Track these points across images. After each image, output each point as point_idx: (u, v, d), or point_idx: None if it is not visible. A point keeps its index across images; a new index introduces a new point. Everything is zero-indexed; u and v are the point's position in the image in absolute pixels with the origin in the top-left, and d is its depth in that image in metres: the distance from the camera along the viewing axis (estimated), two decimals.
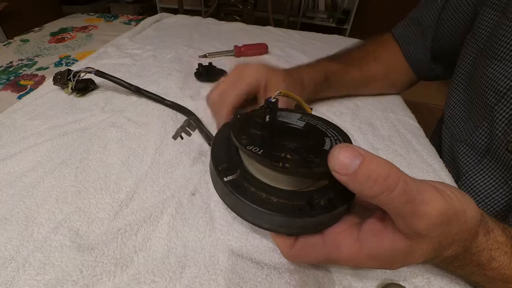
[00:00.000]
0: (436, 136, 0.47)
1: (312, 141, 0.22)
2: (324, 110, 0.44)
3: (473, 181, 0.36)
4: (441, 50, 0.44)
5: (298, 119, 0.25)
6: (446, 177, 0.34)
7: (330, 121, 0.25)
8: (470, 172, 0.36)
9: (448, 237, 0.18)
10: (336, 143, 0.22)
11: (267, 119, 0.23)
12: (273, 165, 0.18)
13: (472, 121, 0.37)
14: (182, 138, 0.28)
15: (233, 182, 0.20)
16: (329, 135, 0.23)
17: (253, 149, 0.20)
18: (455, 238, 0.19)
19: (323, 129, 0.24)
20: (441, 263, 0.21)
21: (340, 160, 0.16)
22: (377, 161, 0.16)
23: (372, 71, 0.47)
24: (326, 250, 0.20)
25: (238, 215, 0.20)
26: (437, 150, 0.38)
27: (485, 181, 0.35)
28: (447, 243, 0.19)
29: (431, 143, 0.39)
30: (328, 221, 0.20)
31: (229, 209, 0.21)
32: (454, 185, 0.33)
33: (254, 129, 0.22)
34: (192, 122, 0.29)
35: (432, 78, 0.49)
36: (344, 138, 0.23)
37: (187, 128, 0.29)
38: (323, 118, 0.25)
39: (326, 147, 0.21)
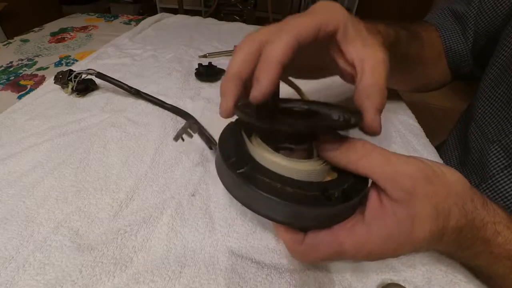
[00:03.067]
0: (459, 134, 0.44)
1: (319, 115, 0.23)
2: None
3: (500, 186, 0.34)
4: (477, 45, 0.41)
5: (301, 105, 0.25)
6: None
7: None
8: (497, 176, 0.34)
9: (440, 199, 0.19)
10: (344, 115, 0.22)
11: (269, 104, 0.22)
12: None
13: (509, 120, 0.34)
14: (183, 140, 0.28)
15: (246, 174, 0.19)
16: (336, 111, 0.23)
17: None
18: (449, 202, 0.19)
19: (329, 108, 0.24)
20: (452, 244, 0.21)
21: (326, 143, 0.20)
22: (353, 138, 0.20)
23: (411, 48, 0.39)
24: (336, 242, 0.19)
25: (249, 208, 0.20)
26: (461, 149, 0.36)
27: None
28: (444, 209, 0.19)
29: (452, 142, 0.38)
30: (344, 213, 0.20)
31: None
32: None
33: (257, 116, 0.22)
34: (194, 124, 0.29)
35: (468, 75, 0.44)
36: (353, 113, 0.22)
37: (188, 129, 0.28)
38: (326, 102, 0.25)
39: (335, 117, 0.22)
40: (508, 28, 0.35)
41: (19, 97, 0.46)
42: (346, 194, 0.19)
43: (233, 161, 0.20)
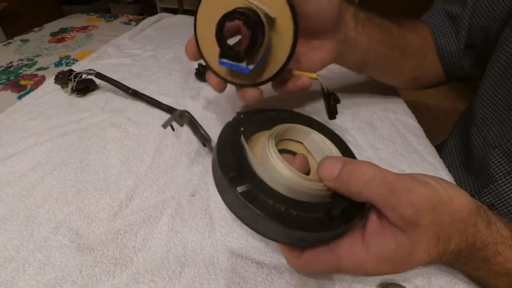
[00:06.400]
0: (460, 137, 0.44)
1: None
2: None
3: (502, 191, 0.34)
4: (473, 46, 0.40)
5: None
6: (446, 177, 0.33)
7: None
8: (500, 181, 0.34)
9: (442, 227, 0.18)
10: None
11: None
12: None
13: (510, 126, 0.34)
14: (173, 129, 0.27)
15: (248, 193, 0.18)
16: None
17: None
18: (451, 229, 0.19)
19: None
20: (449, 261, 0.21)
21: (325, 168, 0.19)
22: (355, 162, 0.19)
23: (409, 42, 0.39)
24: (334, 258, 0.20)
25: (250, 228, 0.19)
26: (464, 154, 0.36)
27: None
28: (445, 235, 0.19)
29: (453, 145, 0.37)
30: (345, 232, 0.20)
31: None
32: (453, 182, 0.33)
33: None
34: (187, 114, 0.28)
35: (461, 77, 0.43)
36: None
37: (179, 117, 0.28)
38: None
39: None
40: (506, 31, 0.35)
41: (19, 97, 0.47)
42: (347, 213, 0.19)
43: (234, 176, 0.19)
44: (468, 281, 0.24)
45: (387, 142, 0.38)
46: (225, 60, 0.24)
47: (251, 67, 0.24)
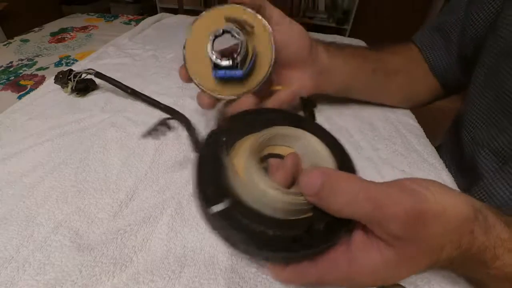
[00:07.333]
0: (453, 138, 0.44)
1: None
2: (324, 110, 0.44)
3: (492, 188, 0.34)
4: (463, 55, 0.41)
5: None
6: (446, 177, 0.33)
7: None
8: (489, 179, 0.34)
9: (434, 239, 0.17)
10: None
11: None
12: None
13: (496, 125, 0.35)
14: (154, 138, 0.28)
15: (223, 213, 0.18)
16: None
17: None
18: (444, 240, 0.18)
19: None
20: (441, 267, 0.21)
21: (306, 183, 0.18)
22: (337, 176, 0.17)
23: (390, 63, 0.41)
24: (318, 272, 0.19)
25: (232, 246, 0.19)
26: (457, 154, 0.36)
27: (504, 189, 0.33)
28: (438, 246, 0.18)
29: (447, 145, 0.37)
30: (327, 248, 0.19)
31: None
32: (454, 185, 0.33)
33: None
34: (168, 123, 0.28)
35: (458, 87, 0.44)
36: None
37: (159, 126, 0.28)
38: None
39: None
40: (490, 37, 0.36)
41: (19, 97, 0.46)
42: (331, 228, 0.18)
43: (210, 192, 0.18)
44: (468, 281, 0.24)
45: (387, 142, 0.38)
46: (219, 70, 0.28)
47: (243, 69, 0.28)
